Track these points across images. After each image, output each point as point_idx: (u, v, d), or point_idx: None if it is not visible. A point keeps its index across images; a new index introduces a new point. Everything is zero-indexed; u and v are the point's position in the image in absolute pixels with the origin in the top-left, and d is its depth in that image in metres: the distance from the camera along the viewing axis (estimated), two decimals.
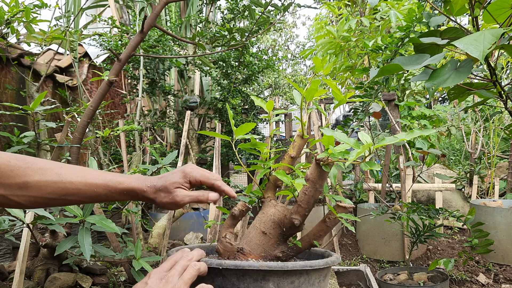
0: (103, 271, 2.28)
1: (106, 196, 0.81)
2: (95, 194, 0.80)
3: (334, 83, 0.85)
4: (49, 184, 0.75)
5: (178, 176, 0.86)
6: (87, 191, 0.79)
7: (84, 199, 0.80)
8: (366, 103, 2.40)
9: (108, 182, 0.81)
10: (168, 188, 0.84)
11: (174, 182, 0.85)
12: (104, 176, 0.81)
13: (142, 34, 1.71)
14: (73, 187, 0.78)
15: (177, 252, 0.81)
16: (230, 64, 3.71)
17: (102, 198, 0.82)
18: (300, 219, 0.88)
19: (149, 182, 0.84)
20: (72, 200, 0.79)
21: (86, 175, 0.80)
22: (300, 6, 2.58)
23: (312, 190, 0.85)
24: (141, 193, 0.83)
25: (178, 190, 0.85)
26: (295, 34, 13.64)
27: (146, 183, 0.84)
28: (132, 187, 0.82)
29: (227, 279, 0.82)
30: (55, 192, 0.76)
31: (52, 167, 0.77)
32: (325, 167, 0.82)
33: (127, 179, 0.83)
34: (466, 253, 2.29)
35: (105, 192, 0.81)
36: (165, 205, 0.85)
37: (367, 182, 3.91)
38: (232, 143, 0.97)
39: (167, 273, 0.73)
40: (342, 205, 0.86)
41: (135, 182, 0.83)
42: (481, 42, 0.86)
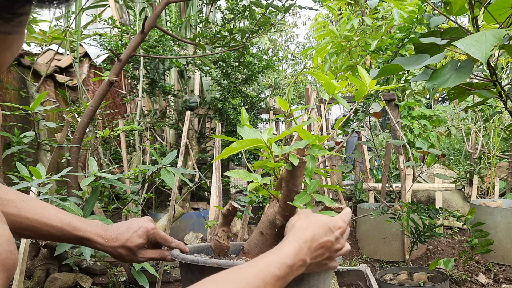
0: (103, 271, 2.28)
1: (59, 238, 0.82)
2: (48, 234, 0.80)
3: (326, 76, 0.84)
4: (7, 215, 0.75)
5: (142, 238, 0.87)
6: (41, 230, 0.80)
7: (37, 236, 0.82)
8: (366, 103, 2.40)
9: (64, 226, 0.81)
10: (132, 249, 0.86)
11: (138, 244, 0.86)
12: (63, 218, 0.82)
13: (143, 34, 1.71)
14: (27, 223, 0.78)
15: None
16: (230, 64, 3.71)
17: (54, 239, 0.83)
18: (281, 219, 0.86)
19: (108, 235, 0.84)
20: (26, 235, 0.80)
21: (44, 213, 0.80)
22: (301, 8, 2.58)
23: (286, 190, 0.83)
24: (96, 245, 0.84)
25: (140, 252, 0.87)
26: (295, 34, 13.64)
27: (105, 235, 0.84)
28: (86, 236, 0.82)
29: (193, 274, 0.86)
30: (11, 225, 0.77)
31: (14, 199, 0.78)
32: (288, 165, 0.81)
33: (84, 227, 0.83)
34: (466, 253, 2.29)
35: (58, 234, 0.81)
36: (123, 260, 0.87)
37: (367, 182, 3.91)
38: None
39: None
40: (328, 207, 0.85)
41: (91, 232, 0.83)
42: (482, 43, 0.85)
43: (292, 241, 0.71)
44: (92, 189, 1.65)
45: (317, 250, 0.72)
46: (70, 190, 2.00)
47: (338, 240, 0.76)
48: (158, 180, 2.22)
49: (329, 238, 0.73)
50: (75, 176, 2.01)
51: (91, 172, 1.68)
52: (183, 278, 0.92)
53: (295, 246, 0.70)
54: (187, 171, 1.77)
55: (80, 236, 0.82)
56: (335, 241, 0.74)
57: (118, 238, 0.85)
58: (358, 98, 0.87)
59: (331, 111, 10.00)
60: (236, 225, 3.64)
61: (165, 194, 3.86)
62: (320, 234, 0.73)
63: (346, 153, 5.99)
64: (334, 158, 3.90)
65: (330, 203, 0.84)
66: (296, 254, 0.68)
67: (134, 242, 0.85)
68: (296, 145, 0.79)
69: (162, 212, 3.52)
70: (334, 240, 0.74)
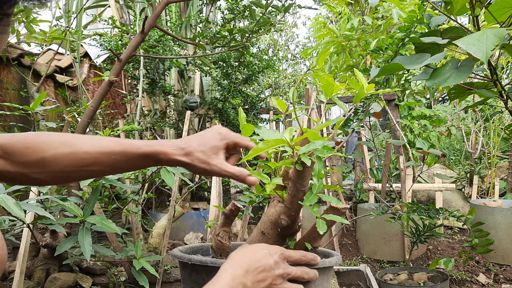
0: (103, 271, 2.28)
1: (126, 163, 0.76)
2: (113, 162, 0.75)
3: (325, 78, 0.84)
4: (64, 156, 0.72)
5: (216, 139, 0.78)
6: (104, 160, 0.74)
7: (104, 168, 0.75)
8: (366, 103, 2.40)
9: (126, 148, 0.75)
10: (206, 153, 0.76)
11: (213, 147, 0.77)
12: (122, 142, 0.76)
13: (143, 34, 1.71)
14: (88, 157, 0.74)
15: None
16: (230, 64, 3.71)
17: (122, 166, 0.76)
18: (287, 219, 0.86)
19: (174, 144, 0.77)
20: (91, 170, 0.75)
21: (102, 143, 0.75)
22: (300, 7, 2.58)
23: (293, 190, 0.83)
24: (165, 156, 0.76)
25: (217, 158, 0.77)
26: (295, 34, 13.63)
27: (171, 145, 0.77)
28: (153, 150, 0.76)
29: (199, 275, 0.84)
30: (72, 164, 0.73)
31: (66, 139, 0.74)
32: (298, 165, 0.80)
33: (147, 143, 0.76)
34: (466, 253, 2.29)
35: (123, 159, 0.75)
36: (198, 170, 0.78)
37: (367, 182, 3.91)
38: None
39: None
40: (334, 206, 0.85)
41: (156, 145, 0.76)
42: (483, 42, 0.85)
43: (228, 268, 0.70)
44: (92, 189, 1.65)
45: (259, 274, 0.70)
46: (70, 190, 1.99)
47: (279, 265, 0.73)
48: (158, 180, 2.22)
49: (267, 262, 0.71)
50: None
51: None
52: (186, 279, 0.92)
53: (231, 271, 0.69)
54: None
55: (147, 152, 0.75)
56: (274, 264, 0.72)
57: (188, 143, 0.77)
58: (357, 101, 0.87)
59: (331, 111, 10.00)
60: (236, 225, 3.64)
61: (165, 194, 3.86)
62: (257, 258, 0.72)
63: (346, 153, 5.99)
64: (334, 158, 3.90)
65: (336, 203, 0.84)
66: (233, 279, 0.67)
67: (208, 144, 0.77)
68: (313, 145, 0.78)
69: (162, 212, 3.52)
70: (273, 264, 0.72)
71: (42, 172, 0.72)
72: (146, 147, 0.76)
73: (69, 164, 0.73)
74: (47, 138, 0.73)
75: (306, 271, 0.77)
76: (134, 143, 0.76)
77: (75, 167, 0.73)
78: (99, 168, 0.75)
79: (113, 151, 0.75)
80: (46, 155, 0.72)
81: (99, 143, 0.75)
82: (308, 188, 0.84)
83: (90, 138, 0.76)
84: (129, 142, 0.76)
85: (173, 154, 0.76)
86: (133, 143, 0.76)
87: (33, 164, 0.71)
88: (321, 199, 0.88)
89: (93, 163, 0.74)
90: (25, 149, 0.71)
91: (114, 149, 0.75)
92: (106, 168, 0.75)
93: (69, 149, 0.73)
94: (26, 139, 0.72)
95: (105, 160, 0.74)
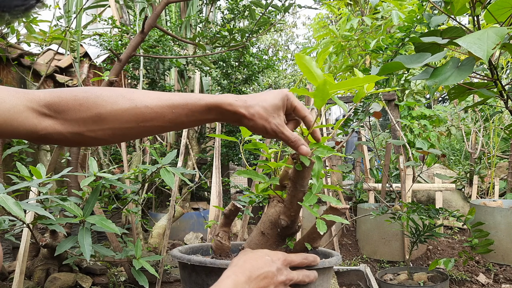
0: (103, 271, 2.28)
1: (187, 116, 0.72)
2: (175, 116, 0.71)
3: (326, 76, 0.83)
4: (123, 112, 0.68)
5: (278, 98, 0.75)
6: (166, 114, 0.70)
7: (164, 124, 0.71)
8: (366, 103, 2.40)
9: (188, 101, 0.71)
10: (267, 110, 0.74)
11: (274, 105, 0.74)
12: (182, 95, 0.73)
13: (143, 34, 1.71)
14: (149, 111, 0.69)
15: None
16: (230, 64, 3.71)
17: (183, 121, 0.72)
18: (286, 220, 0.86)
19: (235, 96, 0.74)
20: (151, 126, 0.70)
21: (161, 96, 0.71)
22: (300, 7, 2.58)
23: (293, 190, 0.83)
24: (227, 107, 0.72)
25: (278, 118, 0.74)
26: (295, 35, 13.64)
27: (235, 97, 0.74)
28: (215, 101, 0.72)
29: (199, 275, 0.85)
30: (132, 120, 0.69)
31: (123, 94, 0.69)
32: (298, 165, 0.80)
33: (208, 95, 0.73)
34: (466, 253, 2.29)
35: (185, 112, 0.71)
36: (255, 127, 0.74)
37: (367, 182, 3.91)
38: (241, 144, 0.95)
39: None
40: (334, 207, 0.85)
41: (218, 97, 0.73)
42: (484, 41, 0.85)
43: (230, 275, 0.69)
44: (92, 189, 1.65)
45: (261, 281, 0.70)
46: (70, 190, 1.99)
47: (281, 271, 0.73)
48: (158, 180, 2.22)
49: (269, 269, 0.71)
50: (75, 176, 2.01)
51: (91, 172, 1.68)
52: (186, 279, 0.92)
53: (233, 278, 0.68)
54: (187, 171, 1.77)
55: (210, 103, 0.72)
56: (276, 271, 0.72)
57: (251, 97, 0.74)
58: (356, 100, 0.87)
59: (331, 111, 9.99)
60: (236, 225, 3.64)
61: (165, 194, 3.86)
62: (260, 265, 0.71)
63: (346, 153, 5.99)
64: (334, 158, 3.89)
65: (336, 203, 0.84)
66: (235, 286, 0.67)
67: (269, 101, 0.74)
68: (316, 145, 0.79)
69: (162, 212, 3.52)
70: (275, 271, 0.72)
71: (99, 130, 0.68)
72: (209, 98, 0.73)
73: (129, 119, 0.69)
74: (102, 93, 0.68)
75: (307, 275, 0.77)
76: (195, 95, 0.73)
77: (135, 122, 0.69)
78: (160, 123, 0.71)
79: (174, 104, 0.71)
80: (102, 112, 0.67)
81: (158, 96, 0.71)
82: (308, 188, 0.84)
83: (148, 92, 0.72)
84: (190, 95, 0.73)
85: (237, 106, 0.73)
86: (195, 95, 0.73)
87: (89, 121, 0.67)
88: (321, 199, 0.88)
89: (154, 117, 0.70)
90: (79, 106, 0.66)
91: (176, 102, 0.71)
92: (167, 123, 0.71)
93: (129, 104, 0.68)
94: (78, 95, 0.67)
95: (167, 114, 0.70)
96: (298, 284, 0.76)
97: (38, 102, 0.65)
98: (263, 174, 0.96)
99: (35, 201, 1.65)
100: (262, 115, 0.73)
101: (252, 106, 0.73)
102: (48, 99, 0.65)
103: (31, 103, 0.64)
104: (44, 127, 0.65)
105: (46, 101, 0.65)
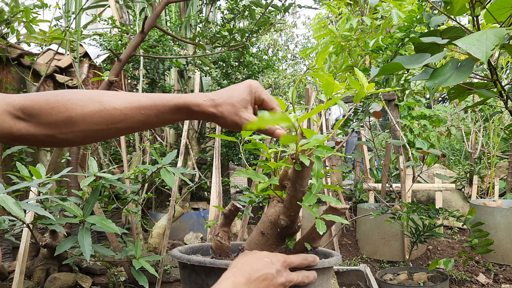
0: (103, 271, 2.28)
1: (157, 117, 0.74)
2: (144, 117, 0.73)
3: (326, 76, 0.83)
4: (93, 114, 0.70)
5: (245, 92, 0.77)
6: (135, 115, 0.72)
7: (134, 124, 0.73)
8: (366, 103, 2.40)
9: (156, 102, 0.73)
10: (235, 106, 0.76)
11: (242, 100, 0.76)
12: (151, 96, 0.74)
13: (143, 34, 1.71)
14: (118, 113, 0.71)
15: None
16: (230, 64, 3.71)
17: (153, 121, 0.74)
18: (286, 220, 0.86)
19: (204, 96, 0.75)
20: (121, 127, 0.72)
21: (130, 98, 0.73)
22: (300, 7, 2.58)
23: (292, 190, 0.82)
24: (196, 108, 0.74)
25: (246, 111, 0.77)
26: (295, 34, 13.64)
27: (203, 97, 0.75)
28: (183, 102, 0.74)
29: (198, 275, 0.85)
30: (102, 122, 0.71)
31: (92, 97, 0.71)
32: (297, 165, 0.80)
33: (177, 96, 0.75)
34: (466, 253, 2.29)
35: (154, 112, 0.73)
36: (226, 124, 0.77)
37: (367, 182, 3.91)
38: (241, 144, 0.95)
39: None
40: (334, 207, 0.84)
41: (186, 97, 0.75)
42: (483, 42, 0.85)
43: (229, 276, 0.70)
44: (92, 189, 1.65)
45: (260, 282, 0.70)
46: (70, 190, 2.00)
47: (281, 273, 0.73)
48: (158, 180, 2.22)
49: (269, 271, 0.72)
50: (75, 176, 2.01)
51: (91, 172, 1.68)
52: (185, 279, 0.92)
53: (232, 279, 0.69)
54: (187, 171, 1.77)
55: (179, 104, 0.73)
56: (276, 273, 0.72)
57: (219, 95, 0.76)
58: (357, 100, 0.87)
59: (331, 111, 10.00)
60: (236, 225, 3.64)
61: (165, 194, 3.86)
62: (259, 267, 0.72)
63: (346, 153, 5.99)
64: (334, 158, 3.90)
65: (336, 203, 0.84)
66: (233, 287, 0.68)
67: (237, 97, 0.76)
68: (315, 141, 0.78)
69: (162, 212, 3.52)
70: (275, 273, 0.72)
71: (70, 132, 0.70)
72: (177, 99, 0.74)
73: (98, 122, 0.70)
74: (72, 96, 0.70)
75: (307, 275, 0.78)
76: (164, 96, 0.74)
77: (105, 124, 0.71)
78: (129, 124, 0.73)
79: (143, 105, 0.72)
80: (72, 114, 0.69)
81: (127, 98, 0.73)
82: (308, 188, 0.84)
83: (117, 94, 0.74)
84: (159, 96, 0.74)
85: (205, 106, 0.75)
86: (163, 96, 0.74)
87: (61, 124, 0.69)
88: (321, 199, 0.88)
89: (123, 119, 0.72)
90: (50, 109, 0.68)
91: (144, 103, 0.73)
92: (137, 124, 0.73)
93: (98, 106, 0.70)
94: (50, 99, 0.69)
95: (135, 115, 0.72)
96: (297, 285, 0.76)
97: (14, 106, 0.67)
98: (263, 174, 0.96)
99: (35, 201, 1.65)
100: (232, 111, 0.75)
101: (221, 104, 0.75)
102: (23, 103, 0.67)
103: (8, 106, 0.67)
104: (19, 129, 0.68)
105: (21, 104, 0.67)
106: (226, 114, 0.75)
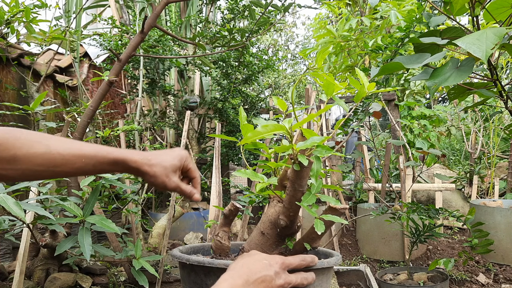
0: (103, 271, 2.28)
1: (94, 166, 0.79)
2: (83, 164, 0.78)
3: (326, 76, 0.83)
4: (37, 155, 0.74)
5: (177, 159, 0.85)
6: (76, 162, 0.77)
7: (72, 170, 0.78)
8: (366, 103, 2.40)
9: (97, 153, 0.78)
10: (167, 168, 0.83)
11: (173, 165, 0.84)
12: (93, 146, 0.80)
13: (143, 34, 1.71)
14: (61, 158, 0.76)
15: None
16: (230, 64, 3.71)
17: (90, 169, 0.79)
18: (285, 220, 0.86)
19: (141, 154, 0.82)
20: (59, 171, 0.77)
21: (74, 146, 0.78)
22: (300, 7, 2.58)
23: (292, 190, 0.83)
24: (132, 164, 0.81)
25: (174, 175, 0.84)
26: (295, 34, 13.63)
27: (140, 155, 0.82)
28: (122, 157, 0.80)
29: (198, 275, 0.85)
30: (44, 164, 0.75)
31: (40, 139, 0.75)
32: (296, 165, 0.80)
33: (117, 150, 0.81)
34: (466, 253, 2.29)
35: (93, 162, 0.78)
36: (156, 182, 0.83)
37: (367, 182, 3.91)
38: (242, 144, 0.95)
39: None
40: (333, 207, 0.84)
41: (125, 153, 0.81)
42: (483, 41, 0.85)
43: (227, 278, 0.71)
44: (92, 189, 1.65)
45: (259, 284, 0.71)
46: (70, 190, 1.99)
47: (279, 275, 0.74)
48: None
49: (267, 273, 0.72)
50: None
51: None
52: (185, 279, 0.92)
53: (230, 282, 0.70)
54: None
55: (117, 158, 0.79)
56: (274, 275, 0.73)
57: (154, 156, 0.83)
58: (357, 100, 0.87)
59: (331, 111, 9.99)
60: (236, 225, 3.64)
61: (165, 194, 3.86)
62: (257, 269, 0.72)
63: (346, 153, 5.99)
64: (334, 158, 3.90)
65: (335, 203, 0.84)
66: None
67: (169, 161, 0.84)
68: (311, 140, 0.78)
69: (162, 212, 3.52)
70: (273, 275, 0.73)
71: (11, 169, 0.73)
72: (117, 153, 0.80)
73: (41, 163, 0.74)
74: (21, 136, 0.74)
75: (305, 277, 0.78)
76: (105, 148, 0.80)
77: (46, 166, 0.75)
78: (68, 169, 0.77)
79: (85, 154, 0.77)
80: (18, 153, 0.72)
81: (72, 145, 0.78)
82: (307, 188, 0.84)
83: (64, 140, 0.79)
84: (100, 147, 0.80)
85: (141, 164, 0.81)
86: (104, 148, 0.80)
87: (4, 161, 0.71)
88: (320, 199, 0.88)
89: (64, 164, 0.76)
90: None
91: (87, 153, 0.78)
92: (75, 170, 0.78)
93: (44, 149, 0.74)
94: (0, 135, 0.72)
95: (76, 162, 0.77)
96: (296, 287, 0.76)
97: None
98: (262, 174, 0.96)
99: (35, 201, 1.65)
100: (162, 173, 0.83)
101: (155, 165, 0.82)
102: None
103: None
104: None
105: None
106: (158, 174, 0.82)
